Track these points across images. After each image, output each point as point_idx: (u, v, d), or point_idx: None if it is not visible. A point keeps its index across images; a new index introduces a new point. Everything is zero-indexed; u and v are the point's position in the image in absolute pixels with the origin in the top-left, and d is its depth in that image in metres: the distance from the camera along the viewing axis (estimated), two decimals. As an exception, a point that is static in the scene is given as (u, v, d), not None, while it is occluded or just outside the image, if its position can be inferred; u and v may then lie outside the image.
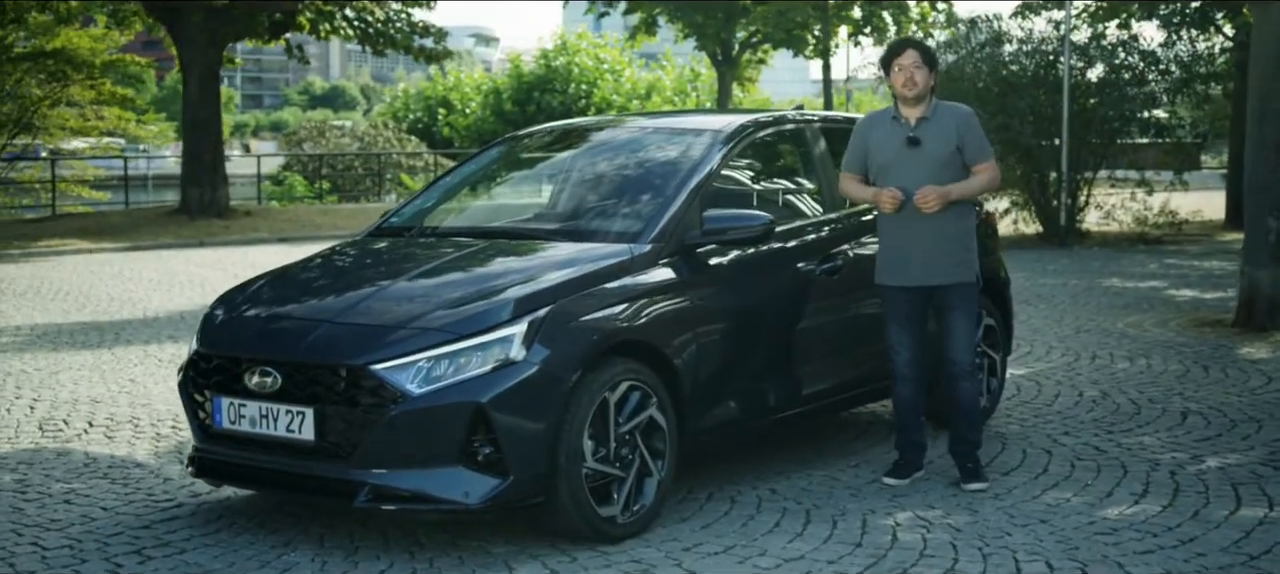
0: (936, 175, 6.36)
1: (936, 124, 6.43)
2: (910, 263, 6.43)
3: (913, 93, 6.40)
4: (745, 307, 6.37)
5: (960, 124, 6.45)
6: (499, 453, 5.36)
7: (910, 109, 6.46)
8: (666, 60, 47.55)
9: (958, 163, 6.45)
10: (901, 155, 6.41)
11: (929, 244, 6.38)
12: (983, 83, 21.46)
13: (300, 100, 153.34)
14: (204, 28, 24.58)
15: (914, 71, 6.41)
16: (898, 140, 6.43)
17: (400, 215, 7.12)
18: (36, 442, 7.70)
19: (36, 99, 30.16)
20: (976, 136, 6.49)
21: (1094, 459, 7.07)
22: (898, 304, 6.53)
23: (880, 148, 6.49)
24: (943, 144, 6.40)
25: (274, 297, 6.11)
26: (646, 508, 5.82)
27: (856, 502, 6.31)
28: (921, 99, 6.44)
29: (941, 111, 6.49)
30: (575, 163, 7.26)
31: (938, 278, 6.42)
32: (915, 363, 6.57)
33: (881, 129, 6.53)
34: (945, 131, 6.42)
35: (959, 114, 6.51)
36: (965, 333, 6.50)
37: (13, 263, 20.05)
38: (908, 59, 6.43)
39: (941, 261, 6.40)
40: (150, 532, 5.88)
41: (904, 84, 6.41)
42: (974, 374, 6.60)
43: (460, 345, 5.41)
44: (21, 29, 29.17)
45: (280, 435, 5.57)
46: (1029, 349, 10.71)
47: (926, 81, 6.43)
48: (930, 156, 6.39)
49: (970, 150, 6.46)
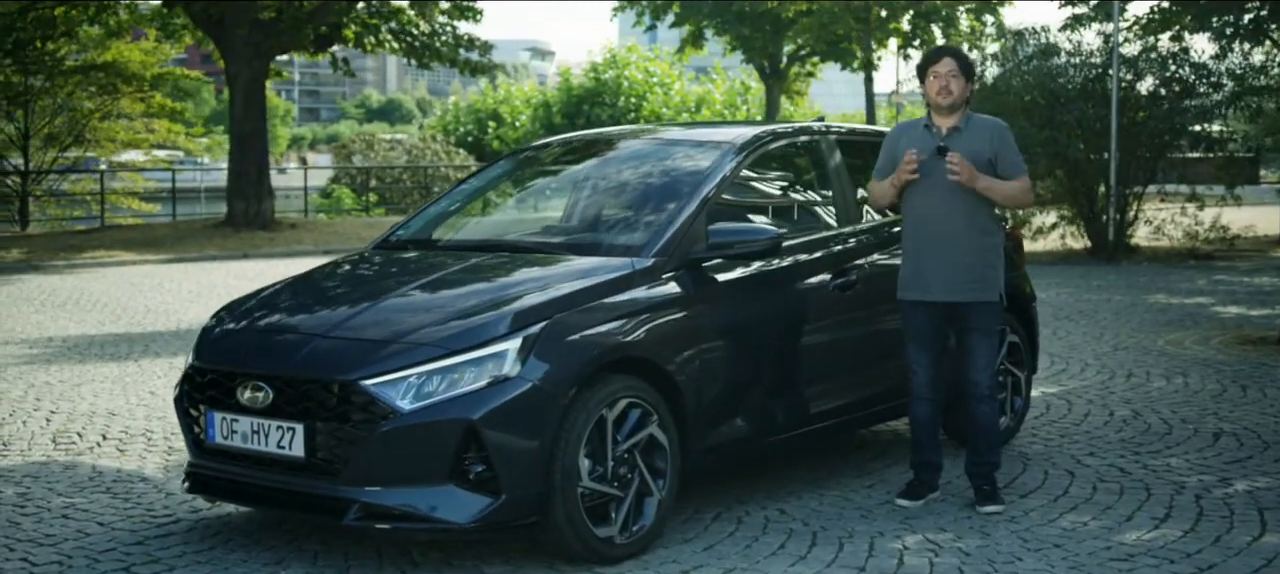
0: (963, 188, 6.20)
1: (969, 135, 6.29)
2: (931, 278, 6.26)
3: (947, 101, 6.25)
4: (754, 322, 6.22)
5: (995, 137, 6.30)
6: (491, 471, 5.24)
7: (943, 118, 6.32)
8: (717, 73, 47.43)
9: (990, 176, 6.29)
10: (930, 165, 6.23)
11: (951, 260, 6.22)
12: (1030, 96, 21.18)
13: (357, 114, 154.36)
14: (249, 41, 24.69)
15: (950, 80, 6.26)
16: (928, 149, 6.27)
17: (407, 228, 7.02)
18: (48, 454, 7.66)
19: (87, 112, 30.45)
20: (1011, 150, 6.34)
21: (1117, 481, 6.86)
22: (917, 320, 6.36)
23: (901, 154, 6.32)
24: (974, 156, 6.22)
25: (270, 310, 6.01)
26: (647, 528, 5.67)
27: (866, 523, 6.13)
28: (956, 109, 6.29)
29: (975, 123, 6.34)
30: (585, 176, 7.14)
31: (958, 294, 6.24)
32: (934, 381, 6.40)
33: (912, 137, 6.38)
34: (978, 143, 6.27)
35: (993, 127, 6.35)
36: (986, 353, 6.31)
37: (57, 274, 20.17)
38: (944, 66, 6.28)
39: (963, 278, 6.23)
40: (143, 548, 5.79)
41: (939, 92, 6.26)
42: (994, 396, 6.38)
43: (452, 361, 5.29)
44: (73, 43, 29.47)
45: (271, 451, 5.47)
46: (1064, 367, 10.47)
47: (962, 91, 6.28)
48: None
49: (1005, 164, 6.30)
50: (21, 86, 29.73)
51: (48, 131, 30.91)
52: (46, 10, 25.87)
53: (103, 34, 29.84)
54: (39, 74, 29.60)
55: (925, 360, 6.37)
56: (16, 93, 29.70)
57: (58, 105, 30.78)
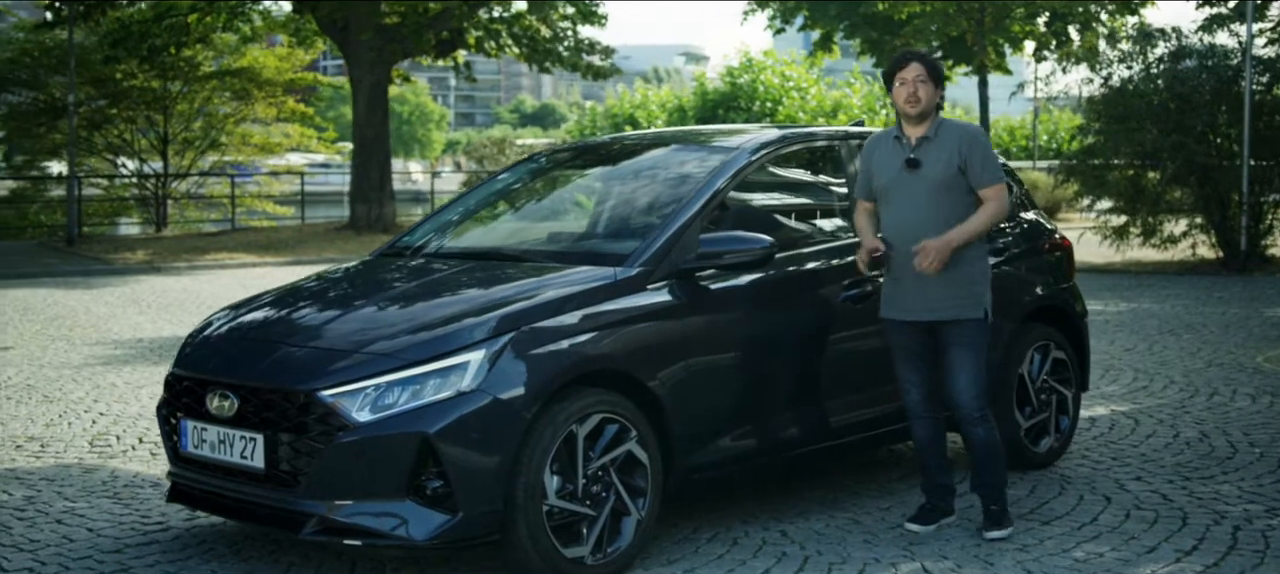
0: (936, 199, 5.83)
1: (939, 144, 5.88)
2: (909, 295, 5.90)
3: (916, 110, 5.84)
4: (751, 336, 5.95)
5: (964, 143, 5.87)
6: (448, 487, 5.06)
7: (913, 127, 5.92)
8: (854, 77, 46.77)
9: (961, 186, 5.88)
10: (900, 178, 5.88)
11: (922, 276, 5.80)
12: (1159, 99, 20.44)
13: (511, 118, 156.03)
14: (372, 46, 24.94)
15: (918, 86, 5.85)
16: (897, 162, 5.91)
17: (412, 235, 6.88)
18: (81, 457, 7.68)
19: (222, 117, 31.13)
20: (982, 156, 5.88)
21: (1155, 508, 6.44)
22: (900, 338, 6.01)
23: (881, 169, 5.98)
24: (943, 165, 5.83)
25: (250, 318, 5.90)
26: (623, 550, 5.44)
27: (866, 549, 5.83)
28: (925, 116, 5.89)
29: (945, 131, 5.91)
30: (589, 183, 6.94)
31: (938, 313, 5.86)
32: (928, 399, 6.04)
33: (883, 150, 6.02)
34: (946, 152, 5.85)
35: (963, 132, 5.93)
36: (969, 374, 5.88)
37: (176, 275, 20.59)
38: (911, 72, 5.87)
39: (943, 295, 5.83)
40: (118, 557, 5.73)
41: (907, 100, 5.86)
42: (985, 418, 5.93)
43: (410, 372, 5.13)
44: (210, 49, 30.14)
45: (235, 461, 5.37)
46: (1146, 383, 9.97)
47: (931, 98, 5.88)
48: (930, 180, 5.84)
49: (975, 172, 5.86)
50: (161, 92, 30.49)
51: (185, 136, 31.67)
52: (179, 17, 26.44)
53: (238, 40, 30.47)
54: (176, 80, 30.32)
55: (916, 378, 6.02)
56: (156, 98, 30.47)
57: (195, 111, 31.51)
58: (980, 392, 5.91)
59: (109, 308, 15.87)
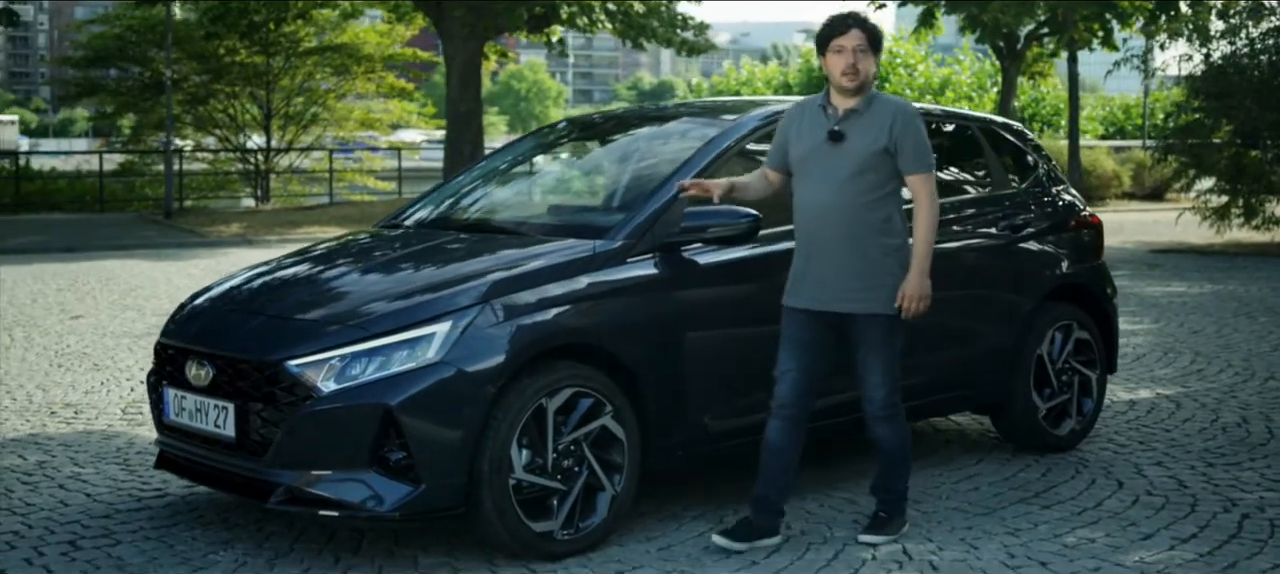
0: (857, 180, 5.31)
1: (867, 119, 5.34)
2: (810, 282, 5.39)
3: (853, 83, 5.31)
4: (738, 311, 5.84)
5: (897, 122, 5.33)
6: (411, 459, 5.04)
7: (843, 99, 5.38)
8: (963, 53, 46.05)
9: (885, 168, 5.34)
10: (820, 151, 5.36)
11: (839, 263, 5.32)
12: (1260, 75, 19.85)
13: (628, 96, 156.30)
14: (465, 21, 25.02)
15: (857, 56, 5.31)
16: (819, 133, 5.38)
17: (415, 207, 6.87)
18: (110, 425, 7.80)
19: (322, 93, 31.55)
20: (915, 140, 5.34)
21: (1166, 494, 6.23)
22: (791, 325, 5.44)
23: (799, 138, 5.45)
24: (869, 142, 5.31)
25: (237, 289, 5.93)
26: (597, 525, 5.38)
27: (852, 529, 5.69)
28: (862, 89, 5.37)
29: (877, 106, 5.38)
30: (592, 155, 6.87)
31: (848, 304, 5.34)
32: (801, 395, 5.43)
33: (805, 119, 5.47)
34: (875, 128, 5.32)
35: (898, 110, 5.38)
36: (880, 369, 5.39)
37: (266, 248, 20.87)
38: (851, 39, 5.32)
39: (854, 286, 5.32)
40: (104, 522, 5.80)
41: (843, 71, 5.31)
42: (894, 416, 5.47)
43: (375, 343, 5.11)
44: (310, 25, 30.55)
45: (208, 430, 5.41)
46: (1202, 367, 9.68)
47: (870, 70, 5.36)
48: (852, 156, 5.31)
49: (905, 156, 5.33)
50: (263, 67, 30.99)
51: (287, 111, 32.16)
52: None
53: (339, 16, 30.83)
54: (278, 55, 30.79)
55: (791, 369, 5.41)
56: (258, 73, 30.97)
57: (297, 86, 31.98)
58: (893, 388, 5.45)
59: (190, 280, 16.12)
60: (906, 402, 6.45)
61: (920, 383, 6.50)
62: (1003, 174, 7.18)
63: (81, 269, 17.17)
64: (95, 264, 17.92)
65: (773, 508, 5.47)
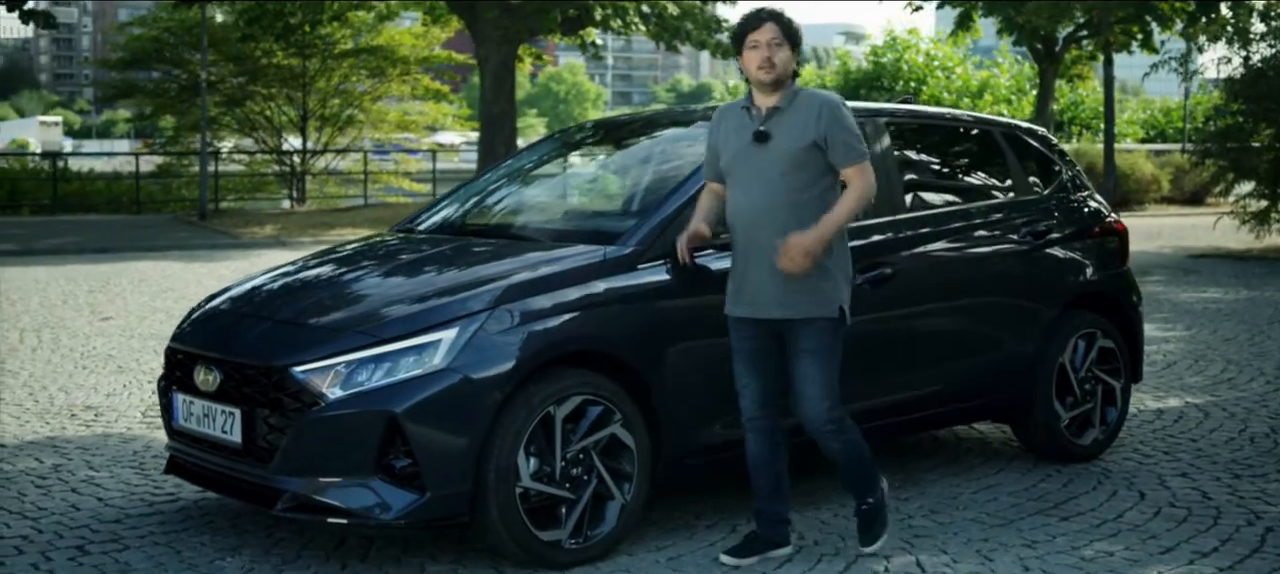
0: (787, 178, 5.12)
1: (791, 115, 5.17)
2: (756, 289, 5.18)
3: (769, 77, 5.13)
4: (752, 318, 5.76)
5: (821, 115, 5.14)
6: (416, 467, 5.00)
7: (764, 97, 5.21)
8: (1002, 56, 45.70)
9: (816, 163, 5.15)
10: (747, 153, 5.19)
11: (771, 267, 5.09)
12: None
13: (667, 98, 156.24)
14: (498, 24, 25.04)
15: (773, 50, 5.14)
16: (745, 135, 5.21)
17: (431, 210, 6.83)
18: (128, 428, 7.80)
19: (358, 95, 31.65)
20: (843, 131, 5.14)
21: (1189, 506, 6.13)
22: (739, 337, 5.29)
23: (726, 142, 5.28)
24: (795, 138, 5.13)
25: (248, 294, 5.91)
26: (606, 534, 5.32)
27: (866, 540, 5.62)
28: (780, 85, 5.18)
29: (800, 101, 5.19)
30: (608, 160, 6.81)
31: (786, 310, 5.14)
32: (766, 405, 5.30)
33: (730, 123, 5.32)
34: (800, 124, 5.14)
35: (823, 103, 5.19)
36: (817, 382, 5.16)
37: (299, 249, 20.91)
38: (765, 34, 5.14)
39: (790, 290, 5.11)
40: (115, 526, 5.79)
41: (760, 66, 5.14)
42: (840, 428, 5.22)
43: (381, 349, 5.08)
44: (346, 27, 30.64)
45: (216, 435, 5.38)
46: (1234, 375, 9.54)
47: (786, 64, 5.17)
48: (779, 155, 5.13)
49: (836, 149, 5.13)
50: (299, 69, 31.10)
51: (323, 114, 32.28)
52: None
53: (375, 18, 30.92)
54: (314, 57, 30.90)
55: (751, 383, 5.29)
56: (294, 76, 31.09)
57: (333, 88, 32.09)
58: (833, 401, 5.20)
59: (221, 281, 16.15)
60: (924, 410, 6.44)
61: (937, 391, 6.44)
62: (1025, 179, 7.08)
63: (114, 270, 17.25)
64: (128, 265, 18.00)
65: (775, 518, 5.38)
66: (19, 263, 18.30)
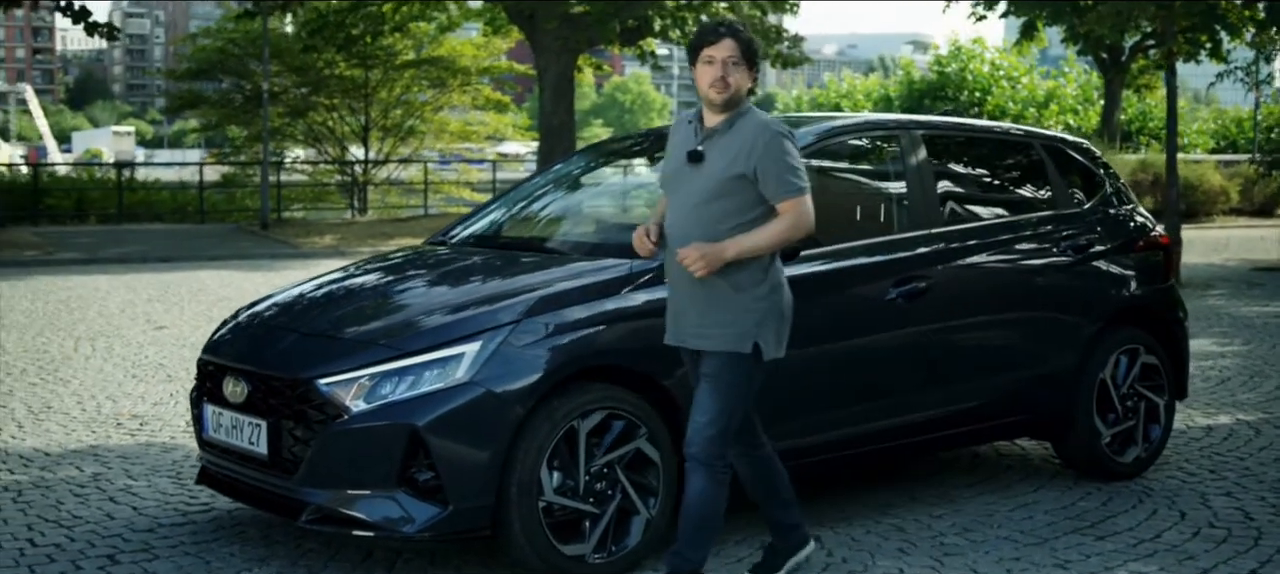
0: (711, 205, 4.76)
1: (728, 139, 4.78)
2: (677, 315, 4.92)
3: (722, 97, 4.75)
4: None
5: (758, 145, 4.72)
6: (438, 480, 5.00)
7: (712, 115, 4.84)
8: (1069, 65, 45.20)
9: (746, 195, 4.75)
10: (682, 172, 4.86)
11: (691, 295, 4.81)
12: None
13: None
14: (557, 35, 25.08)
15: (728, 69, 4.75)
16: (685, 151, 4.88)
17: (464, 224, 6.83)
18: (171, 437, 7.85)
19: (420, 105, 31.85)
20: (779, 163, 4.70)
21: (1228, 526, 6.01)
22: (688, 366, 5.04)
23: (670, 155, 5.01)
24: (725, 165, 4.74)
25: (279, 306, 5.94)
26: (630, 549, 5.29)
27: (894, 559, 5.56)
28: (733, 104, 4.81)
29: (742, 125, 4.79)
30: (637, 171, 6.78)
31: (703, 341, 4.82)
32: (737, 434, 4.99)
33: (680, 133, 4.99)
34: (734, 150, 4.75)
35: (761, 131, 4.75)
36: (707, 410, 4.79)
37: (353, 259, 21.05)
38: (722, 50, 4.76)
39: (708, 321, 4.79)
40: (146, 536, 5.83)
41: (711, 83, 4.75)
42: (712, 467, 4.80)
43: (405, 362, 5.08)
44: (408, 38, 30.85)
45: (243, 446, 5.41)
46: (1290, 390, 9.37)
47: (741, 85, 4.78)
48: (709, 179, 4.77)
49: (769, 181, 4.72)
50: (361, 80, 31.35)
51: (385, 124, 32.51)
52: (375, 7, 27.10)
53: (436, 29, 31.10)
54: (375, 68, 31.14)
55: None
56: (356, 86, 31.34)
57: (395, 99, 32.31)
58: (719, 436, 4.79)
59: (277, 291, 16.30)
60: (960, 425, 6.37)
61: (974, 407, 6.36)
62: (1066, 192, 6.99)
63: (174, 279, 17.44)
64: (188, 275, 18.19)
65: (787, 525, 5.21)
66: (83, 271, 18.55)
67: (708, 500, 4.81)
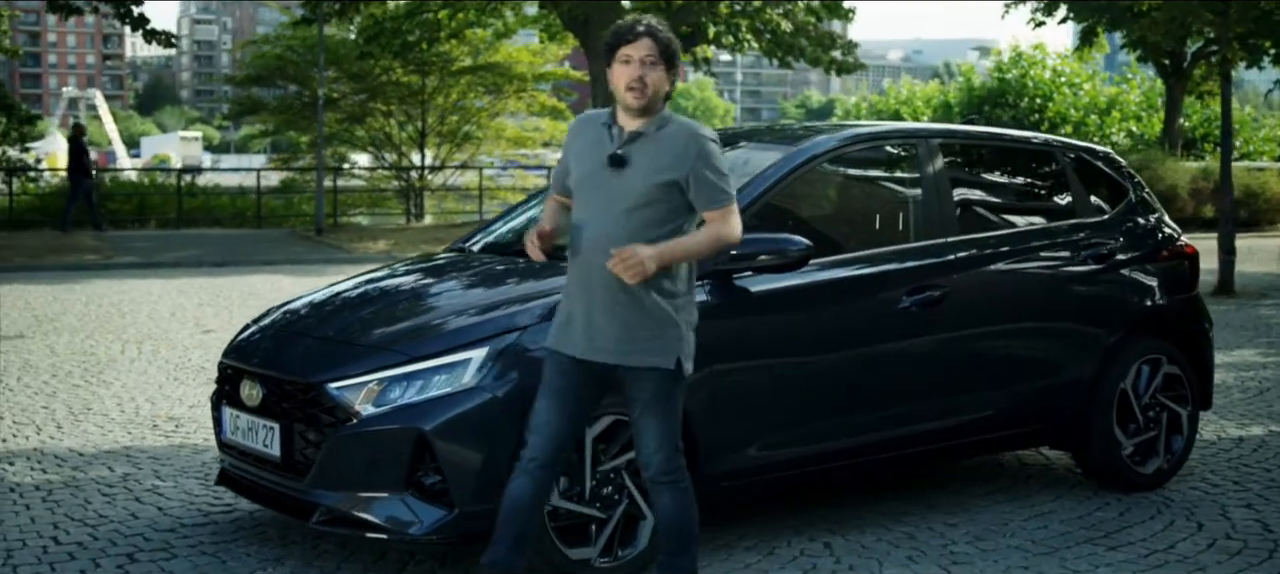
0: (637, 214, 4.56)
1: (655, 145, 4.58)
2: (579, 325, 4.65)
3: (638, 102, 4.55)
4: (791, 341, 5.74)
5: (689, 152, 4.55)
6: (445, 484, 5.07)
7: (630, 118, 4.63)
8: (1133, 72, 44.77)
9: (673, 203, 4.58)
10: (599, 176, 4.63)
11: (610, 307, 4.57)
12: None
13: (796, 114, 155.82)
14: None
15: (646, 70, 4.55)
16: (600, 155, 4.64)
17: (486, 229, 6.91)
18: (204, 439, 7.98)
19: (475, 111, 32.07)
20: (710, 170, 4.55)
21: (1246, 538, 5.98)
22: (553, 370, 4.72)
23: (579, 159, 4.74)
24: (653, 172, 4.55)
25: (293, 311, 6.06)
26: (637, 554, 5.34)
27: (903, 567, 5.56)
28: (650, 110, 4.63)
29: (670, 132, 4.60)
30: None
31: (617, 356, 4.60)
32: (552, 457, 4.71)
33: (587, 137, 4.75)
34: (664, 157, 4.56)
35: (690, 138, 4.58)
36: (655, 434, 4.64)
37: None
38: (639, 49, 4.55)
39: (630, 336, 4.57)
40: (167, 535, 5.94)
41: (628, 85, 4.55)
42: (676, 480, 4.67)
43: (414, 367, 5.17)
44: (464, 44, 31.07)
45: (258, 448, 5.52)
46: (1328, 401, 9.27)
47: (660, 86, 4.59)
48: (633, 186, 4.57)
49: (700, 190, 4.56)
50: (417, 86, 31.61)
51: (441, 130, 32.76)
52: (431, 13, 27.35)
53: (492, 35, 31.32)
54: (432, 74, 31.39)
55: (555, 418, 4.69)
56: (412, 93, 31.60)
57: (451, 105, 32.56)
58: (669, 451, 4.67)
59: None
60: (976, 434, 6.36)
61: (990, 415, 6.36)
62: (1088, 201, 6.97)
63: (227, 284, 17.68)
64: (241, 279, 18.43)
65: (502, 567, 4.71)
66: (139, 275, 18.84)
67: (679, 511, 4.72)
